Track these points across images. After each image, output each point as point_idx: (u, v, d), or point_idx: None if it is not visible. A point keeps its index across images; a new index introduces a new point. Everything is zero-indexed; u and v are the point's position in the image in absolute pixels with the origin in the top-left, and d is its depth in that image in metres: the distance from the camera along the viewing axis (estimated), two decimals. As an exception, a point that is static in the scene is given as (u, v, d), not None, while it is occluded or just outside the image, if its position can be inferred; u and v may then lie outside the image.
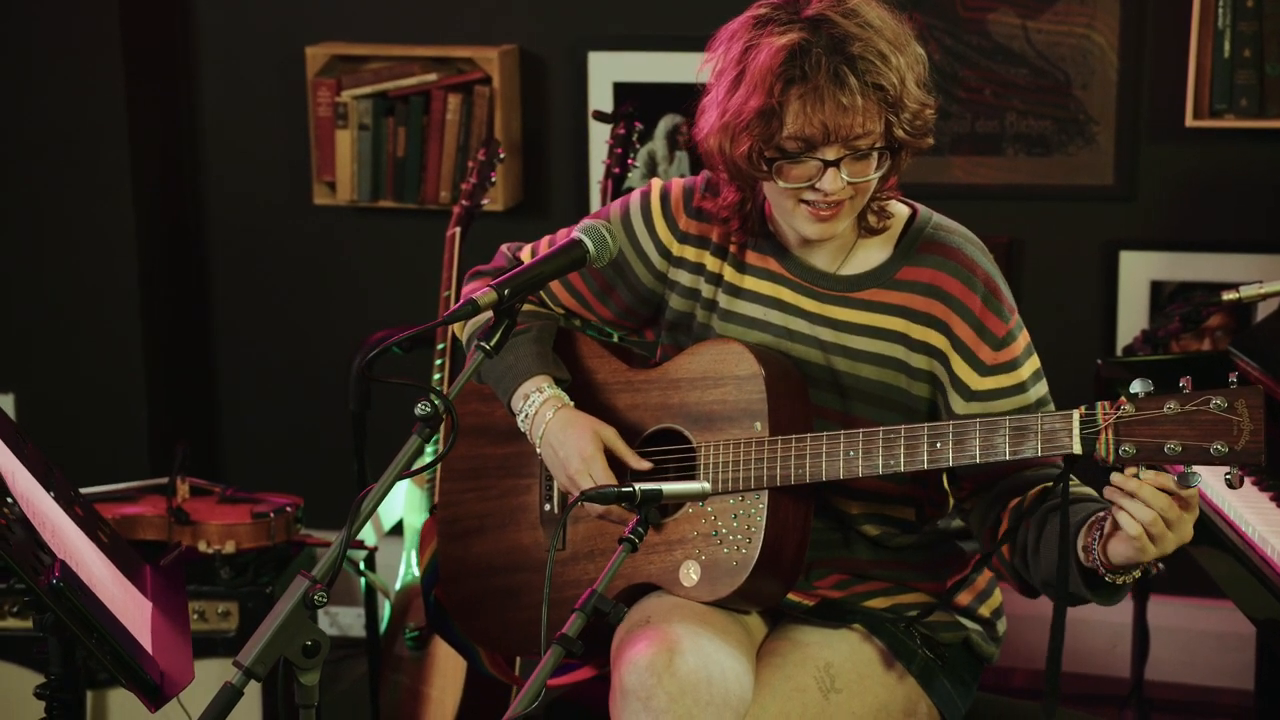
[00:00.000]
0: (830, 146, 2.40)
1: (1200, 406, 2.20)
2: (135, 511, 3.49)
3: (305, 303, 4.75)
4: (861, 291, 2.56)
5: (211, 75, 4.69)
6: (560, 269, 2.42)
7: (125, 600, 2.42)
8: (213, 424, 4.87)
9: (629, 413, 2.67)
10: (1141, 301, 4.17)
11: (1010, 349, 2.52)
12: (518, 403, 2.66)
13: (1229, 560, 2.84)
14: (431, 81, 4.40)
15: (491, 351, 2.30)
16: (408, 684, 3.74)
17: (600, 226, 2.47)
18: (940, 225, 2.58)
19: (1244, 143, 4.04)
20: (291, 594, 2.13)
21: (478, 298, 2.29)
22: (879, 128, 2.40)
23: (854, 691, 2.52)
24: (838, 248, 2.58)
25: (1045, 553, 2.42)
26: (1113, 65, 4.10)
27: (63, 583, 2.20)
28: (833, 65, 2.36)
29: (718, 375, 2.56)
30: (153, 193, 4.63)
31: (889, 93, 2.38)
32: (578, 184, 4.48)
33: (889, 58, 2.39)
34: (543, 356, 2.67)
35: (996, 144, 4.20)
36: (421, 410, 2.20)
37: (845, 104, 2.36)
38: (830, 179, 2.41)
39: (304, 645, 2.10)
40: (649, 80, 4.36)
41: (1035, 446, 2.31)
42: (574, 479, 2.58)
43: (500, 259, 2.84)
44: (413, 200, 4.44)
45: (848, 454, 2.44)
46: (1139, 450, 2.23)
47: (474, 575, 2.82)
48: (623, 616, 2.16)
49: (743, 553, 2.49)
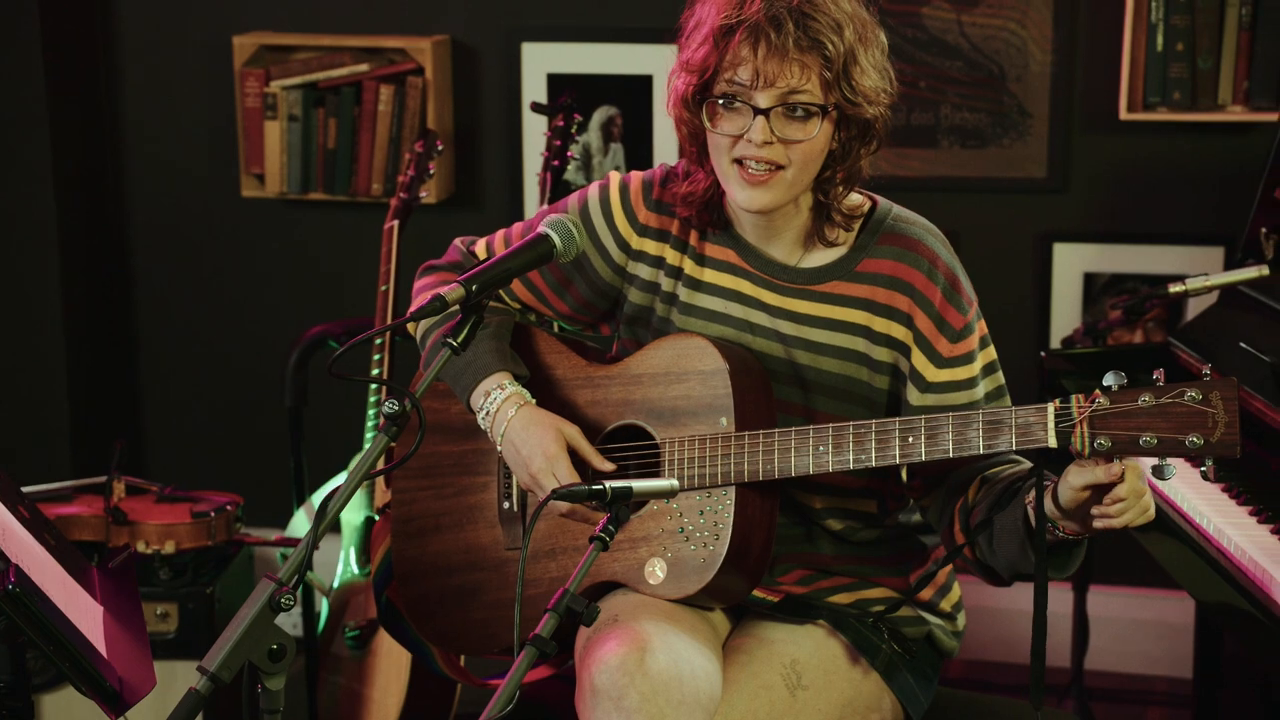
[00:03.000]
0: (762, 93, 2.39)
1: (1175, 399, 2.21)
2: (70, 511, 3.41)
3: (233, 296, 4.67)
4: (822, 284, 2.54)
5: (135, 65, 4.60)
6: (527, 264, 2.39)
7: (77, 605, 2.36)
8: (138, 421, 4.79)
9: (589, 409, 2.64)
10: (1075, 293, 4.20)
11: (966, 341, 2.52)
12: (477, 400, 2.62)
13: (1177, 545, 2.86)
14: (363, 72, 4.34)
15: (459, 348, 2.27)
16: (346, 685, 3.68)
17: (567, 221, 2.44)
18: (900, 217, 2.57)
19: (1176, 135, 4.07)
20: (256, 597, 2.09)
21: (445, 294, 2.26)
22: (817, 90, 2.40)
23: (820, 688, 2.51)
24: (794, 239, 2.56)
25: (1003, 547, 2.42)
26: (1047, 58, 4.12)
27: (18, 588, 2.13)
28: (775, 11, 2.37)
29: (680, 370, 2.54)
30: (74, 185, 4.54)
31: (830, 56, 2.38)
32: (511, 176, 4.44)
33: (841, 28, 2.39)
34: (501, 353, 2.63)
35: (931, 136, 4.21)
36: (389, 408, 2.17)
37: (778, 48, 2.36)
38: (759, 128, 2.40)
39: (270, 649, 2.07)
40: (583, 71, 4.33)
41: (1010, 440, 2.31)
42: (537, 478, 2.55)
43: (454, 253, 2.80)
44: (344, 193, 4.38)
45: (817, 449, 2.42)
46: (1114, 443, 2.23)
47: (430, 574, 2.77)
48: (596, 616, 2.12)
49: (709, 550, 2.47)
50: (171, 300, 4.72)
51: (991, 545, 2.44)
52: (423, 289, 2.78)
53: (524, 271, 2.40)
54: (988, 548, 2.45)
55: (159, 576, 3.41)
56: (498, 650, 2.75)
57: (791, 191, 2.47)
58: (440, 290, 2.27)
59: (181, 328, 4.73)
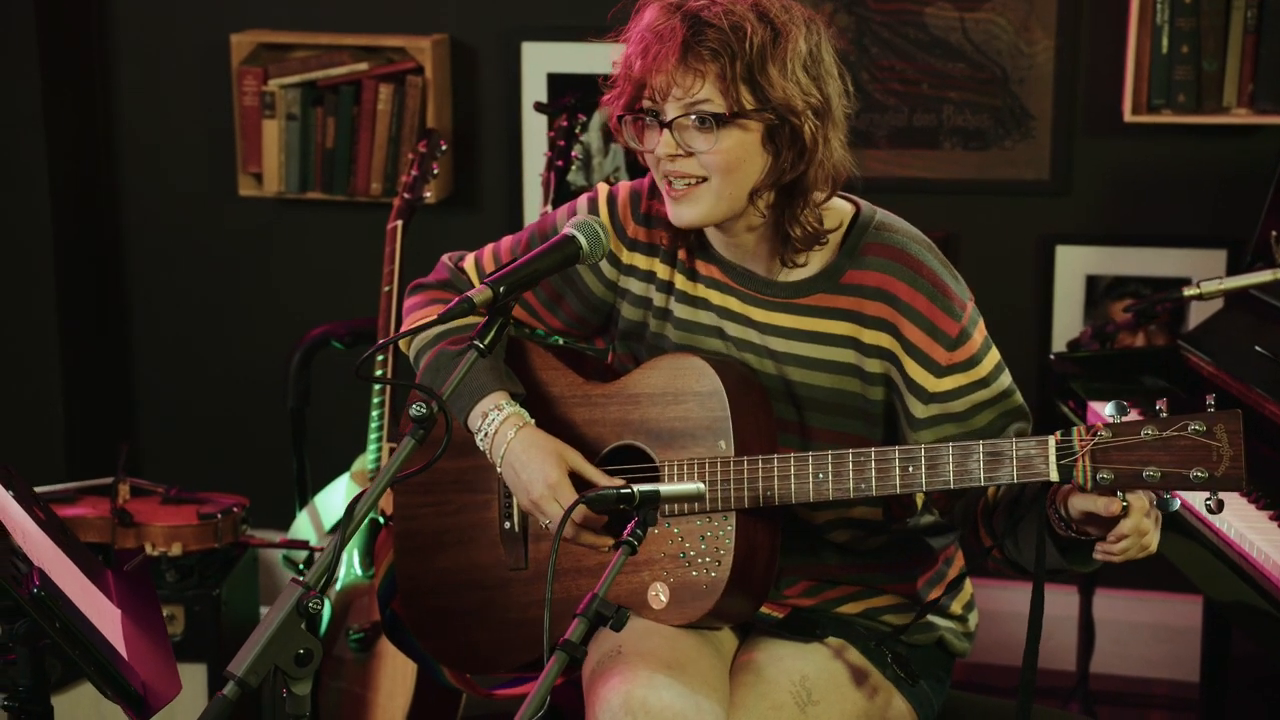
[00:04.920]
0: (666, 105, 2.36)
1: (1179, 432, 2.17)
2: (75, 513, 3.38)
3: (230, 297, 4.64)
4: (808, 297, 2.50)
5: (131, 63, 4.57)
6: (554, 265, 2.36)
7: (97, 608, 2.33)
8: (133, 423, 4.75)
9: (587, 428, 2.60)
10: (1077, 295, 4.19)
11: (967, 346, 2.46)
12: (475, 420, 2.56)
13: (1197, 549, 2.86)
14: (362, 71, 4.31)
15: (485, 350, 2.25)
16: (349, 690, 3.64)
17: (593, 222, 2.42)
18: (883, 224, 2.50)
19: (1180, 138, 4.07)
20: (284, 601, 2.07)
21: (473, 296, 2.24)
22: (716, 98, 2.34)
23: (831, 702, 2.49)
24: (769, 253, 2.49)
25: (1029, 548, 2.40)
26: (1050, 60, 4.12)
27: (43, 591, 2.11)
28: (670, 23, 2.34)
29: (678, 391, 2.50)
30: (70, 185, 4.50)
31: (725, 62, 2.33)
32: (510, 176, 4.42)
33: (742, 31, 2.33)
34: (496, 371, 2.58)
35: (933, 138, 4.20)
36: (416, 411, 2.15)
37: (668, 57, 2.33)
38: (664, 142, 2.37)
39: (297, 654, 2.05)
40: (584, 71, 4.31)
41: (1011, 473, 2.28)
42: (538, 504, 2.50)
43: (441, 270, 2.75)
44: (342, 192, 4.35)
45: (817, 476, 2.39)
46: (1116, 477, 2.20)
47: (433, 593, 2.74)
48: (626, 620, 2.10)
49: (712, 575, 2.44)
50: (168, 300, 4.68)
51: (1018, 545, 2.42)
52: (413, 308, 2.73)
53: (551, 273, 2.38)
54: (1014, 548, 2.44)
55: (165, 579, 3.38)
56: (501, 671, 2.73)
57: (722, 205, 2.40)
58: (468, 293, 2.25)
59: (178, 328, 4.69)
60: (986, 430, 2.47)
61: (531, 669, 2.71)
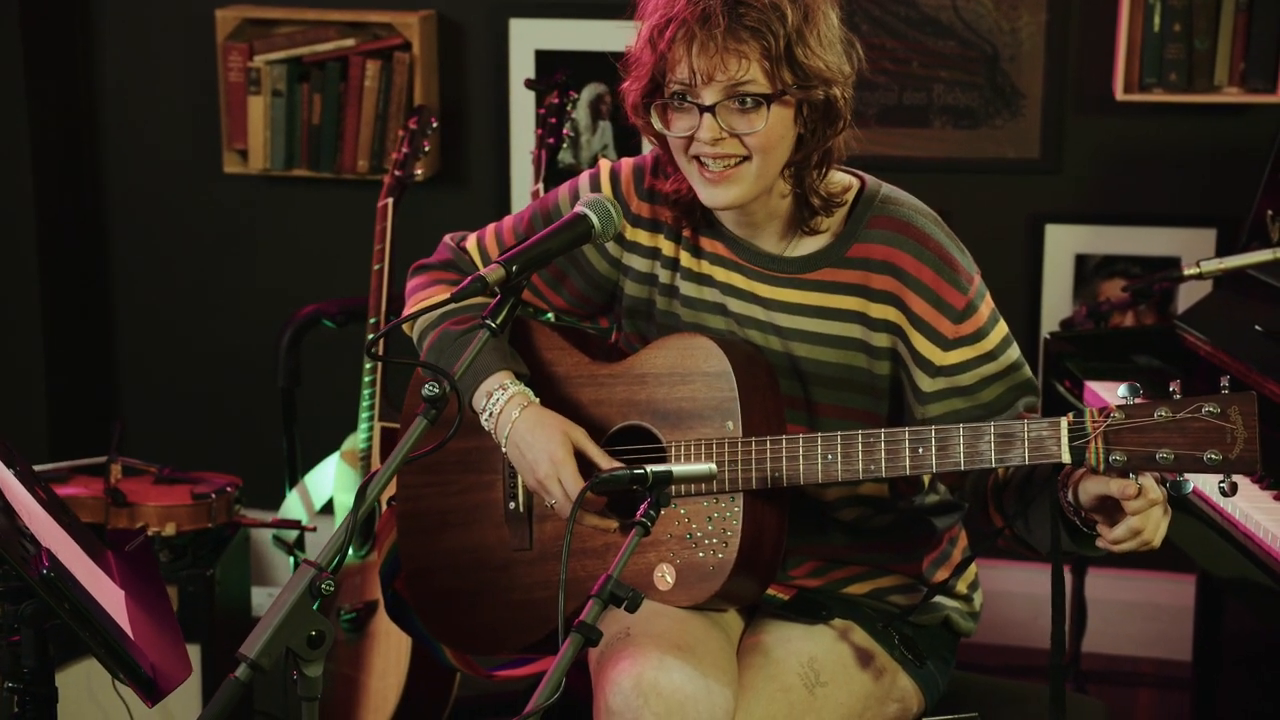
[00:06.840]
0: (705, 89, 2.34)
1: (1192, 414, 2.16)
2: (68, 493, 3.35)
3: (215, 275, 4.61)
4: (814, 272, 2.49)
5: (114, 38, 4.52)
6: (566, 244, 2.35)
7: (101, 589, 2.31)
8: (118, 403, 4.71)
9: (593, 408, 2.58)
10: (1066, 274, 4.19)
11: (974, 319, 2.46)
12: (480, 400, 2.54)
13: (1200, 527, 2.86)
14: (349, 47, 4.27)
15: (498, 330, 2.24)
16: (341, 671, 3.62)
17: (605, 201, 2.40)
18: (889, 198, 2.50)
19: (1172, 117, 4.07)
20: (296, 583, 2.05)
21: (486, 275, 2.22)
22: (760, 78, 2.33)
23: (840, 683, 2.48)
24: (781, 229, 2.50)
25: (1039, 528, 2.40)
26: (1041, 38, 4.11)
27: (53, 572, 2.08)
28: (707, 5, 2.32)
29: (685, 371, 2.48)
30: (52, 162, 4.45)
31: (769, 41, 2.32)
32: (498, 154, 4.39)
33: (780, 9, 2.32)
34: (500, 351, 2.56)
35: (923, 116, 4.19)
36: (429, 391, 2.13)
37: (710, 42, 2.31)
38: (706, 126, 2.35)
39: (309, 636, 2.03)
40: (572, 48, 4.28)
41: (1022, 454, 2.27)
42: (543, 483, 2.48)
43: (444, 251, 2.73)
44: (329, 169, 4.32)
45: (825, 458, 2.38)
46: (1129, 459, 2.19)
47: (437, 573, 2.72)
48: (640, 602, 2.09)
49: (719, 557, 2.43)
50: (152, 279, 4.65)
51: (1029, 526, 2.42)
52: (416, 288, 2.71)
53: (563, 252, 2.36)
54: (1025, 528, 2.43)
55: (159, 559, 3.35)
56: (505, 652, 2.72)
57: (760, 183, 2.41)
58: (480, 272, 2.24)
59: (163, 306, 4.66)
60: (995, 404, 2.47)
61: (535, 650, 2.70)
